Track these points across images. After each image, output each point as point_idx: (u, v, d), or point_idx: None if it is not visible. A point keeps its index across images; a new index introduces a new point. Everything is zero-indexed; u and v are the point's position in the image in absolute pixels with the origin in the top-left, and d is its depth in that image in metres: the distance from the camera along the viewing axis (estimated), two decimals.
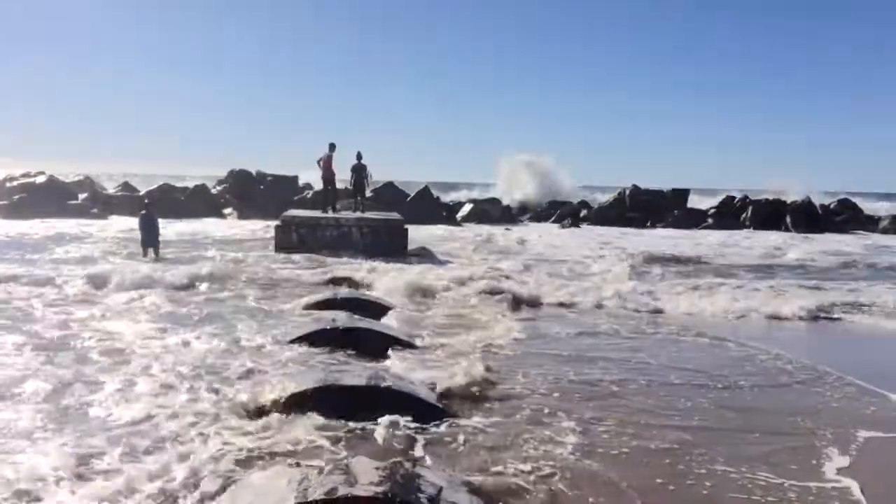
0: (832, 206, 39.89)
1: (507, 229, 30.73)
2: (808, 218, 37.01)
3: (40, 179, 31.18)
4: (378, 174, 23.27)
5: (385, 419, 6.02)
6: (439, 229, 28.40)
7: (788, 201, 38.40)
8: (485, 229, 29.37)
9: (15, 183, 30.91)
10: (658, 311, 12.24)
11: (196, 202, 32.48)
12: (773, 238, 29.91)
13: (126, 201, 30.75)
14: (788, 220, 36.90)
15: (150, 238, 16.71)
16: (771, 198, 39.35)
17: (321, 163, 19.90)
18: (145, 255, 16.52)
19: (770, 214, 37.43)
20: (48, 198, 29.80)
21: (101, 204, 30.82)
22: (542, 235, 27.73)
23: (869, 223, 37.99)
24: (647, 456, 5.64)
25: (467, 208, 35.24)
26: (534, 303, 12.58)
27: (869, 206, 41.76)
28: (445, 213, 33.92)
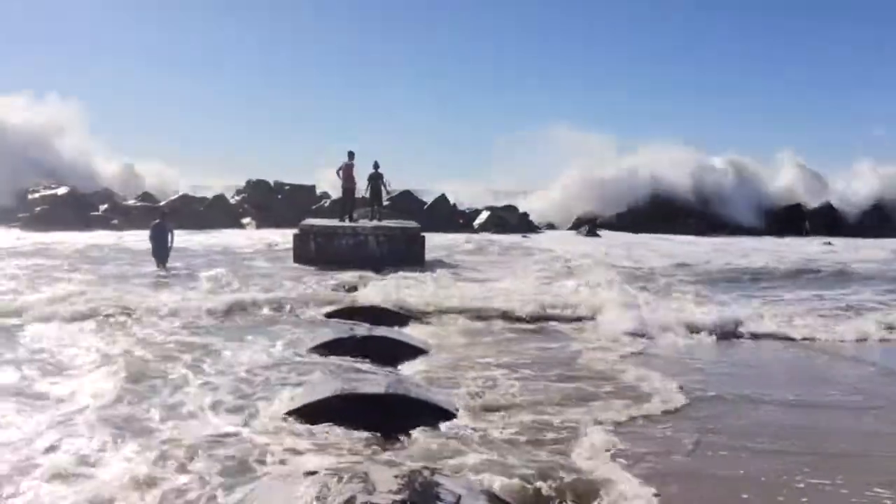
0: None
1: (524, 237, 30.63)
2: (830, 222, 36.84)
3: (61, 191, 31.53)
4: (394, 183, 23.28)
5: (403, 427, 6.03)
6: (456, 237, 28.27)
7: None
8: (506, 239, 29.02)
9: (36, 195, 31.28)
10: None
11: (215, 213, 32.69)
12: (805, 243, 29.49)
13: (146, 212, 31.01)
14: (807, 224, 36.76)
15: (159, 249, 16.43)
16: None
17: (341, 172, 19.86)
18: (158, 266, 16.30)
19: (787, 219, 37.28)
20: (69, 210, 30.15)
21: (120, 215, 31.10)
22: (567, 244, 27.29)
23: (886, 226, 37.53)
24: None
25: (484, 216, 35.15)
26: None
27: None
28: (462, 221, 33.91)
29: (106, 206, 32.27)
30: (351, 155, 19.86)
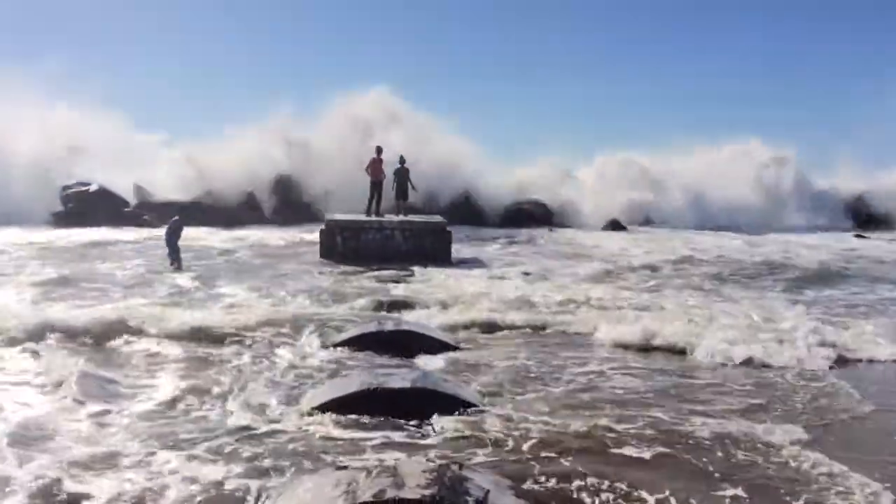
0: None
1: (551, 230, 30.40)
2: (857, 216, 36.65)
3: (93, 188, 31.94)
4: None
5: (430, 421, 6.06)
6: (482, 231, 28.09)
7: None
8: (534, 233, 28.62)
9: (68, 192, 31.72)
10: None
11: (242, 209, 32.90)
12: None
13: (173, 208, 31.33)
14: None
15: (170, 248, 15.80)
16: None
17: (369, 169, 19.85)
18: (171, 264, 15.65)
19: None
20: (100, 206, 30.54)
21: (151, 211, 31.43)
22: (603, 239, 26.67)
23: None
24: None
25: (510, 209, 34.96)
26: None
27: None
28: (487, 215, 33.79)
29: (136, 202, 32.66)
30: (379, 150, 19.84)
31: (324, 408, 6.36)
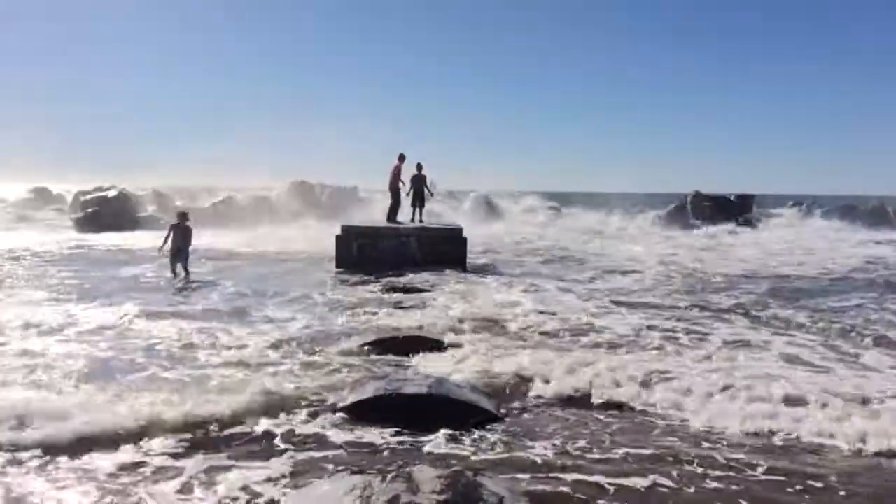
0: None
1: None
2: (879, 221, 36.49)
3: (112, 193, 32.36)
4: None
5: (445, 428, 6.07)
6: (497, 237, 28.05)
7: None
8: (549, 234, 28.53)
9: (88, 197, 32.16)
10: None
11: (258, 213, 33.22)
12: None
13: (192, 213, 31.61)
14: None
15: (177, 254, 15.16)
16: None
17: (390, 175, 19.86)
18: (173, 273, 15.12)
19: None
20: (119, 211, 30.97)
21: (168, 215, 31.84)
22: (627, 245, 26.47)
23: None
24: None
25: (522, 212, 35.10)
26: None
27: None
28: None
29: (155, 207, 33.07)
30: (401, 157, 19.81)
31: (341, 412, 6.40)
